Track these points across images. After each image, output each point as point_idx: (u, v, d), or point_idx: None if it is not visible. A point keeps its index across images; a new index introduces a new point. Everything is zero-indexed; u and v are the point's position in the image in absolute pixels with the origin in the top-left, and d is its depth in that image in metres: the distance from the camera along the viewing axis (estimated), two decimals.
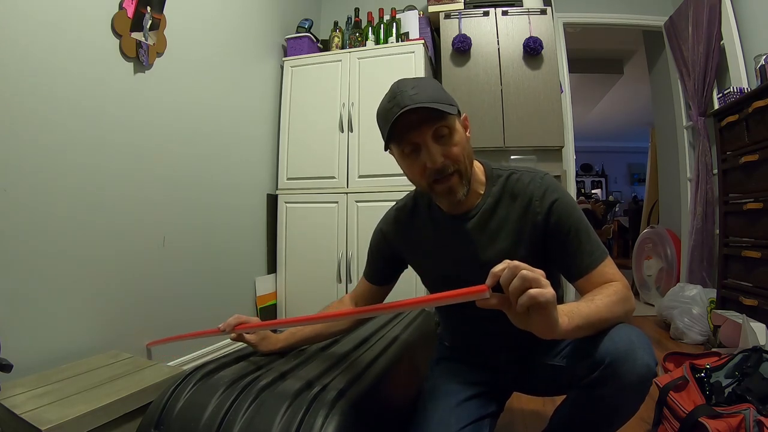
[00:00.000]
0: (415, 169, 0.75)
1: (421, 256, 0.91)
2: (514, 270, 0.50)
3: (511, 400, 1.00)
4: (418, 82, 0.74)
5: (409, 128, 0.72)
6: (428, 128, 0.72)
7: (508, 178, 0.82)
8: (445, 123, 0.72)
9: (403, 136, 0.73)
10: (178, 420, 0.65)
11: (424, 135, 0.72)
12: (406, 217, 0.91)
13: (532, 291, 0.49)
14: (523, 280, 0.49)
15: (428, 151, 0.72)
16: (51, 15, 1.17)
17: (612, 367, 0.64)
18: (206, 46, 1.82)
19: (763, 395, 1.00)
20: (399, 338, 1.05)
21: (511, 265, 0.50)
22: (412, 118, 0.70)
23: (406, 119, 0.70)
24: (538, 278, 0.49)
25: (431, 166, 0.72)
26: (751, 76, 2.08)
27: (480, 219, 0.81)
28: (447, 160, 0.73)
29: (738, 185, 1.92)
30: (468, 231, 0.82)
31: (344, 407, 0.63)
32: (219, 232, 1.88)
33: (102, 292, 1.30)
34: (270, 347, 0.89)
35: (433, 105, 0.69)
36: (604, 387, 0.65)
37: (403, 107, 0.69)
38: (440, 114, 0.71)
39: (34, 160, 1.12)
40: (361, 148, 2.18)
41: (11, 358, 0.86)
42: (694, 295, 2.08)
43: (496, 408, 0.90)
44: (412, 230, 0.90)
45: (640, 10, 2.88)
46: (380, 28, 2.38)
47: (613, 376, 0.64)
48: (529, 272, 0.49)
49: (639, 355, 0.63)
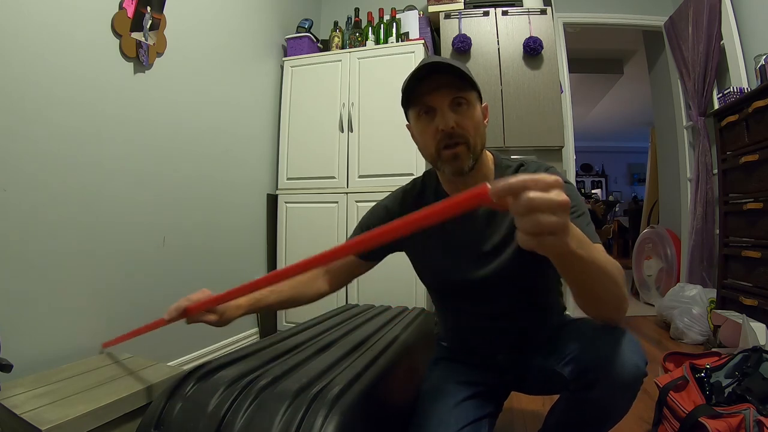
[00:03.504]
0: (427, 133, 0.76)
1: (420, 243, 0.88)
2: (533, 185, 0.39)
3: (511, 400, 1.00)
4: (444, 56, 0.78)
5: (430, 90, 0.73)
6: (448, 93, 0.73)
7: (517, 169, 0.82)
8: (466, 95, 0.74)
9: (421, 98, 0.75)
10: (178, 420, 0.65)
11: (443, 99, 0.73)
12: (413, 199, 0.89)
13: (552, 219, 0.40)
14: (542, 203, 0.39)
15: (443, 115, 0.73)
16: (51, 15, 1.17)
17: (600, 371, 0.64)
18: (206, 46, 1.82)
19: (763, 395, 1.00)
20: (399, 338, 1.05)
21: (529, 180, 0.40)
22: (434, 83, 0.72)
23: (428, 84, 0.72)
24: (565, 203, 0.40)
25: (443, 128, 0.73)
26: (751, 76, 2.08)
27: (486, 209, 0.79)
28: (458, 128, 0.73)
29: (738, 185, 1.92)
30: (473, 219, 0.82)
31: (344, 407, 0.63)
32: (219, 232, 1.88)
33: (102, 292, 1.30)
34: (232, 317, 0.79)
35: (455, 67, 0.71)
36: (594, 390, 0.66)
37: (427, 62, 0.71)
38: (463, 83, 0.73)
39: (34, 161, 1.12)
40: (361, 148, 2.18)
41: (11, 358, 0.86)
42: (694, 295, 2.08)
43: (495, 408, 0.90)
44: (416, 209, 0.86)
45: (640, 10, 2.88)
46: (380, 28, 2.38)
47: (602, 380, 0.64)
48: (553, 197, 0.40)
49: (627, 356, 0.63)
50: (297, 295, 0.87)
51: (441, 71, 0.72)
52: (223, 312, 0.77)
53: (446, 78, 0.72)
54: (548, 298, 0.90)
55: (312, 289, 0.89)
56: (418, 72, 0.73)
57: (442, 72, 0.72)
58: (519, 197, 0.39)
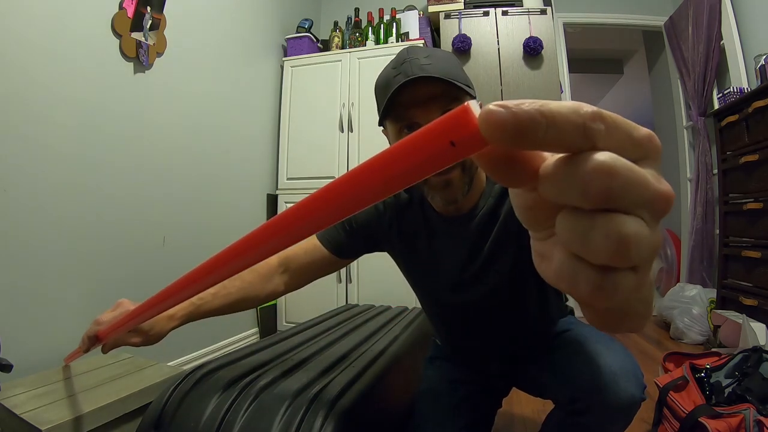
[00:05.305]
0: None
1: (404, 251, 0.77)
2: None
3: (511, 400, 1.00)
4: (432, 51, 0.59)
5: (413, 104, 0.58)
6: (436, 107, 0.58)
7: None
8: (458, 105, 0.59)
9: (403, 113, 0.59)
10: (178, 420, 0.65)
11: (430, 114, 0.58)
12: (400, 207, 0.77)
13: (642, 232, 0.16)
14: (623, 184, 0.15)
15: None
16: (51, 15, 1.17)
17: (594, 399, 0.61)
18: (206, 46, 1.82)
19: (763, 395, 1.00)
20: (398, 338, 1.05)
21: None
22: (420, 93, 0.57)
23: (411, 93, 0.57)
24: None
25: None
26: (751, 76, 2.08)
27: (479, 222, 0.68)
28: None
29: (738, 185, 1.92)
30: (463, 235, 0.70)
31: (344, 407, 0.63)
32: (219, 232, 1.87)
33: (102, 291, 1.30)
34: (163, 333, 0.68)
35: (447, 78, 0.56)
36: (587, 416, 0.63)
37: (409, 76, 0.55)
38: (453, 92, 0.57)
39: (34, 161, 1.12)
40: (361, 148, 2.18)
41: (11, 358, 0.86)
42: (694, 295, 2.08)
43: (494, 405, 0.90)
44: (403, 222, 0.76)
45: (640, 10, 2.88)
46: (380, 28, 2.38)
47: (595, 407, 0.62)
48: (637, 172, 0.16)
49: (622, 386, 0.60)
50: (247, 297, 0.73)
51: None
52: (149, 329, 0.65)
53: (435, 86, 0.56)
54: (545, 307, 0.80)
55: (266, 289, 0.74)
56: (394, 84, 0.56)
57: (430, 81, 0.56)
58: (577, 163, 0.15)
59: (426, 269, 0.77)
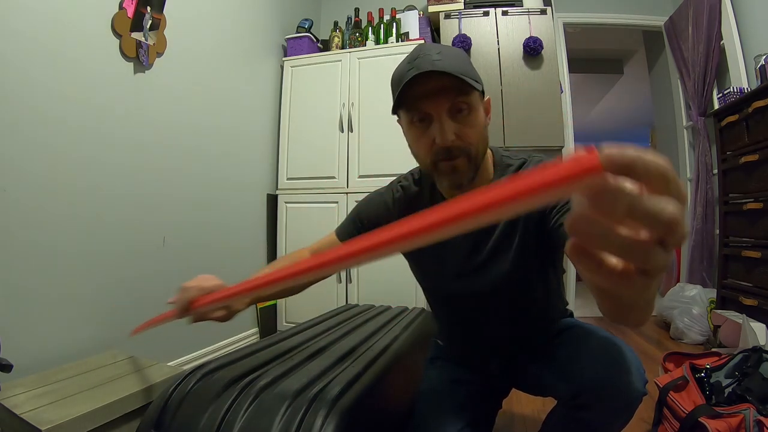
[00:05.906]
0: (421, 143, 0.67)
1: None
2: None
3: (511, 400, 1.00)
4: (444, 48, 0.64)
5: (424, 96, 0.63)
6: (446, 100, 0.63)
7: (519, 168, 0.74)
8: (466, 99, 0.64)
9: (415, 104, 0.64)
10: (178, 420, 0.65)
11: (440, 107, 0.63)
12: (408, 198, 0.82)
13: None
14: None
15: (440, 127, 0.63)
16: (51, 15, 1.17)
17: (596, 394, 0.62)
18: (206, 46, 1.81)
19: (763, 395, 1.00)
20: (399, 338, 1.05)
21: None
22: (430, 86, 0.62)
23: (423, 86, 0.62)
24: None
25: (440, 144, 0.64)
26: (751, 76, 2.08)
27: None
28: (458, 141, 0.64)
29: (738, 185, 1.92)
30: None
31: (344, 407, 0.63)
32: (219, 232, 1.88)
33: (102, 292, 1.30)
34: (237, 311, 0.73)
35: (455, 73, 0.60)
36: (588, 411, 0.64)
37: (420, 70, 0.60)
38: (463, 87, 0.62)
39: (34, 160, 1.12)
40: (361, 148, 2.18)
41: (11, 358, 0.86)
42: (694, 295, 2.08)
43: (494, 405, 0.90)
44: (411, 214, 0.79)
45: (640, 10, 2.88)
46: (380, 28, 2.38)
47: (598, 402, 0.63)
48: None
49: (624, 380, 0.61)
50: (294, 286, 0.83)
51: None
52: (231, 305, 0.69)
53: (445, 80, 0.62)
54: (548, 303, 0.83)
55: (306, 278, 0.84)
56: (407, 77, 0.62)
57: (440, 75, 0.62)
58: (621, 195, 0.19)
59: (432, 258, 0.79)
